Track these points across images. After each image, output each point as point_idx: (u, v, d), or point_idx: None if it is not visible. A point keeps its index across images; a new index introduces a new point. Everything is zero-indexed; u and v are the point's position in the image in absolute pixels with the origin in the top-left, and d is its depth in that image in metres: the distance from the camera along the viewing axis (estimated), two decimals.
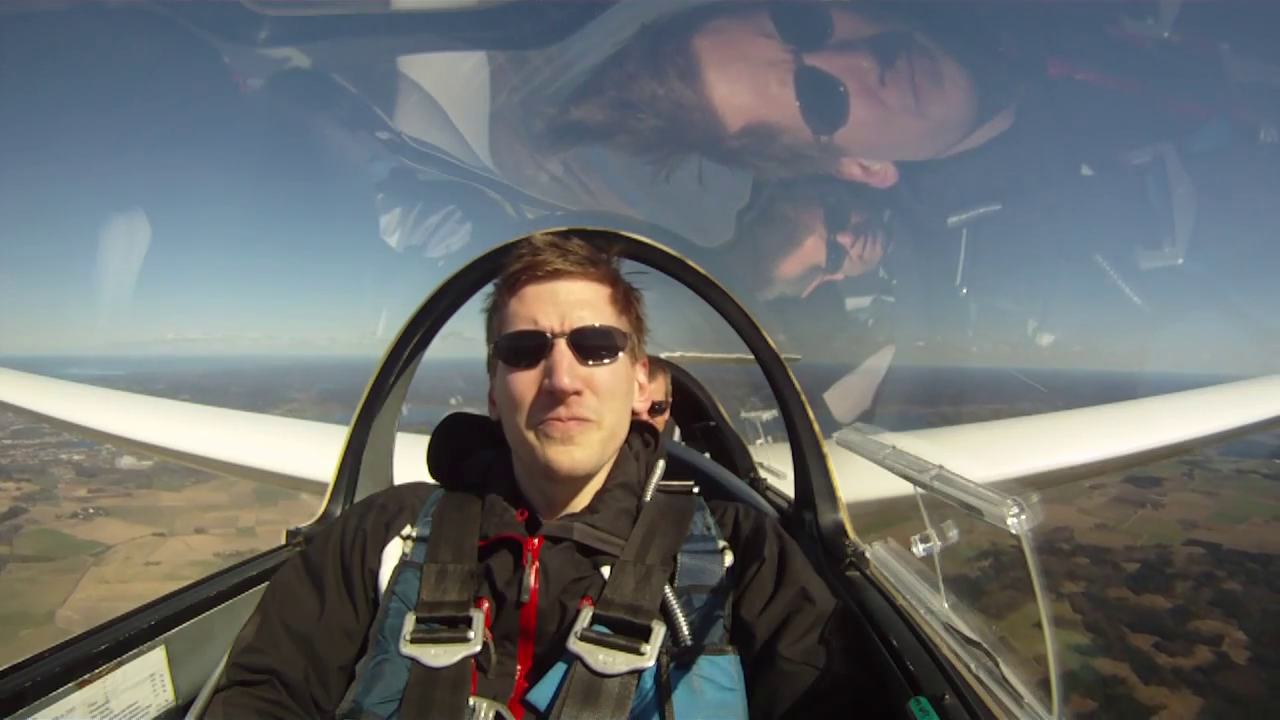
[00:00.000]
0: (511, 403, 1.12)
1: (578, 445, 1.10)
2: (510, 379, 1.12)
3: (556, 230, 1.51)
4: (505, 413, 1.15)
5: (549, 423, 1.09)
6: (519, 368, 1.11)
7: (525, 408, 1.10)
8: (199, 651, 1.20)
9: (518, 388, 1.11)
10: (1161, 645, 25.87)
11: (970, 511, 0.94)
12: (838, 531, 1.43)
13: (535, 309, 1.13)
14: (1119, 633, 26.44)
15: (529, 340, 1.11)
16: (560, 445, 1.09)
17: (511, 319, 1.15)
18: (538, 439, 1.10)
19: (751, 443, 4.67)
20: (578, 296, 1.15)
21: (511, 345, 1.13)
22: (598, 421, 1.11)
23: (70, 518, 34.79)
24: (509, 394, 1.12)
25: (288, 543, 1.49)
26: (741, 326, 1.58)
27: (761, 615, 1.06)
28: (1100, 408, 6.22)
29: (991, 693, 0.86)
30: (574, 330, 1.11)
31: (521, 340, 1.12)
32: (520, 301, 1.15)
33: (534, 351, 1.11)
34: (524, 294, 1.15)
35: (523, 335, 1.12)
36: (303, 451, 5.28)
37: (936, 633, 1.01)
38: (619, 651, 0.98)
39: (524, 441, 1.12)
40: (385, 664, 1.04)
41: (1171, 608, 28.30)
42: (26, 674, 0.94)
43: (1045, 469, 4.92)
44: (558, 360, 1.08)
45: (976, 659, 0.92)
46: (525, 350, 1.11)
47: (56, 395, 6.16)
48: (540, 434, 1.10)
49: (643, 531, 1.14)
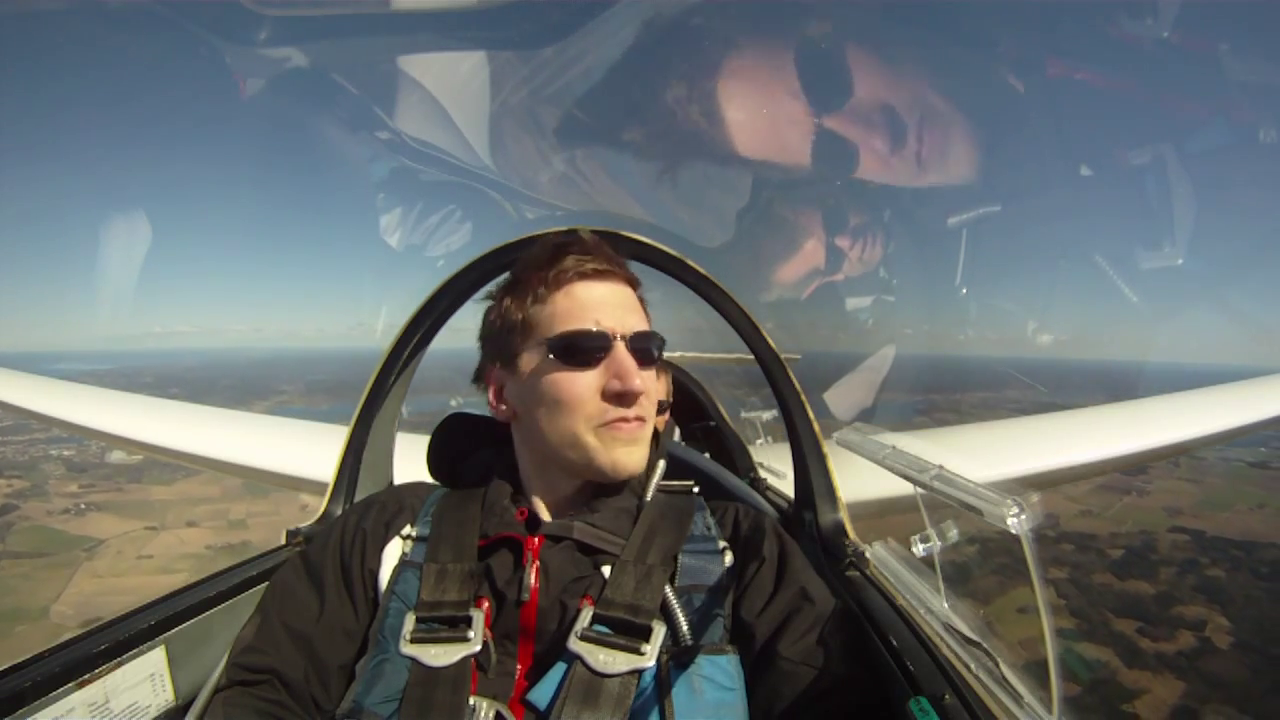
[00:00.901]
0: (565, 404, 1.10)
1: (639, 446, 1.13)
2: (565, 379, 1.10)
3: (559, 230, 1.51)
4: (547, 413, 1.12)
5: (616, 424, 1.10)
6: (577, 368, 1.10)
7: (585, 409, 1.09)
8: (199, 651, 1.20)
9: (576, 388, 1.09)
10: (1145, 630, 26.07)
11: (970, 511, 0.94)
12: (838, 531, 1.43)
13: (595, 310, 1.12)
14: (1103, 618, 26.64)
15: (592, 341, 1.11)
16: (627, 447, 1.11)
17: (564, 317, 1.12)
18: (601, 441, 1.10)
19: (751, 443, 4.66)
20: (625, 300, 1.17)
21: (571, 344, 1.11)
22: (649, 422, 1.15)
23: (62, 513, 34.76)
24: (563, 394, 1.10)
25: (288, 542, 1.49)
26: (741, 326, 1.58)
27: (761, 615, 1.06)
28: (1100, 408, 6.23)
29: (991, 693, 0.86)
30: (633, 334, 1.13)
31: (584, 340, 1.11)
32: (572, 299, 1.13)
33: (595, 352, 1.11)
34: (575, 292, 1.14)
35: (586, 335, 1.11)
36: (301, 451, 5.29)
37: (936, 633, 1.00)
38: (619, 651, 0.98)
39: (578, 443, 1.10)
40: (385, 664, 1.04)
41: (1155, 593, 28.52)
42: (26, 674, 0.94)
43: (1045, 469, 4.92)
44: (625, 363, 1.09)
45: (976, 659, 0.92)
46: (586, 350, 1.10)
47: (52, 394, 6.16)
48: (606, 436, 1.10)
49: (643, 531, 1.14)
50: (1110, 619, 26.61)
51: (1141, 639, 25.60)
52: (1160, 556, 31.55)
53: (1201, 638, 25.75)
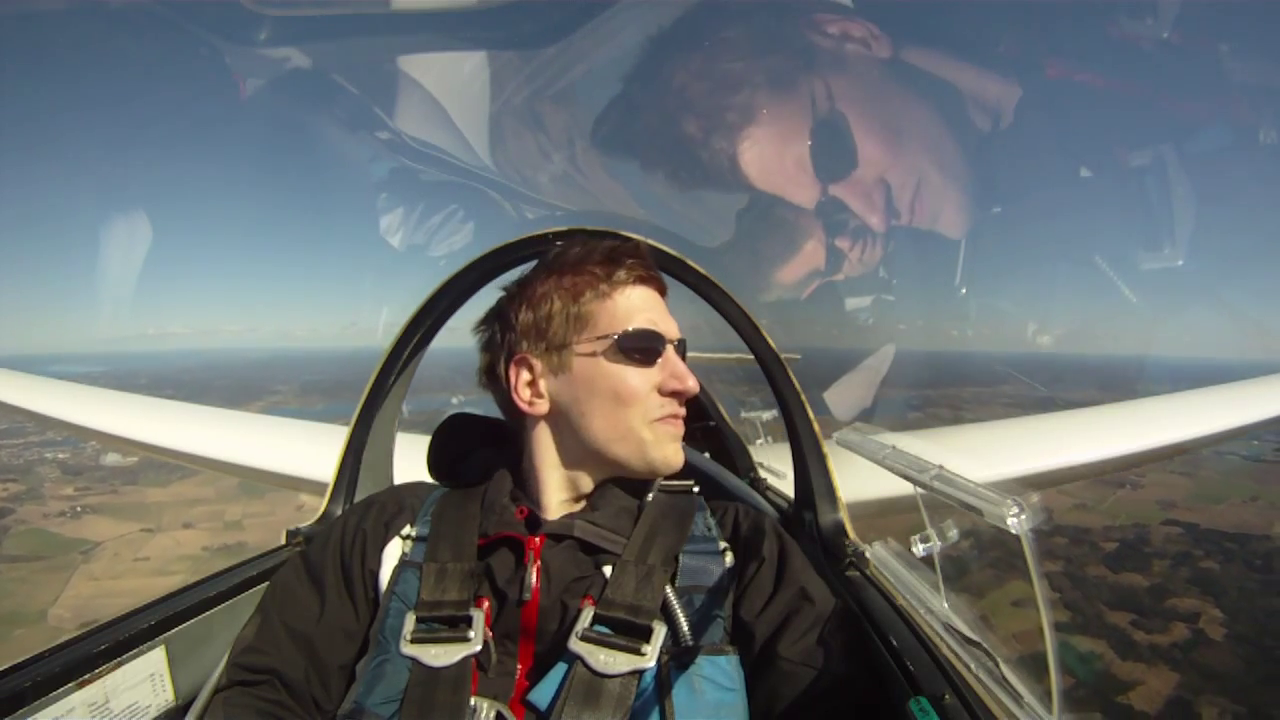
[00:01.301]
0: (622, 397, 1.15)
1: (680, 444, 1.21)
2: (628, 372, 1.15)
3: (560, 230, 1.52)
4: (607, 404, 1.15)
5: (670, 421, 1.18)
6: (639, 364, 1.16)
7: (643, 404, 1.15)
8: (199, 651, 1.20)
9: (637, 383, 1.15)
10: (1139, 622, 26.18)
11: (970, 511, 0.94)
12: (838, 531, 1.43)
13: (654, 313, 1.21)
14: (1097, 610, 26.72)
15: (655, 341, 1.18)
16: (675, 443, 1.19)
17: (627, 316, 1.18)
18: (654, 435, 1.16)
19: (751, 443, 4.66)
20: (665, 306, 1.27)
21: (637, 342, 1.17)
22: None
23: (58, 516, 34.69)
24: (625, 388, 1.15)
25: (288, 543, 1.49)
26: (741, 326, 1.58)
27: (762, 615, 1.06)
28: (1100, 408, 6.23)
29: (991, 693, 0.86)
30: (679, 339, 1.23)
31: (649, 340, 1.18)
32: (631, 301, 1.20)
33: (654, 352, 1.18)
34: (634, 295, 1.21)
35: (651, 335, 1.18)
36: (300, 451, 5.29)
37: (936, 633, 1.00)
38: (620, 651, 0.98)
39: (631, 437, 1.15)
40: (386, 664, 1.04)
41: (1149, 586, 28.62)
42: (26, 674, 0.94)
43: (1045, 469, 4.92)
44: (680, 364, 1.19)
45: (976, 659, 0.92)
46: (648, 349, 1.17)
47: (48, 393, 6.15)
48: (659, 431, 1.16)
49: (644, 531, 1.14)
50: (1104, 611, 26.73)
51: (1136, 631, 25.72)
52: (1154, 549, 31.65)
53: (1195, 629, 25.87)
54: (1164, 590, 28.24)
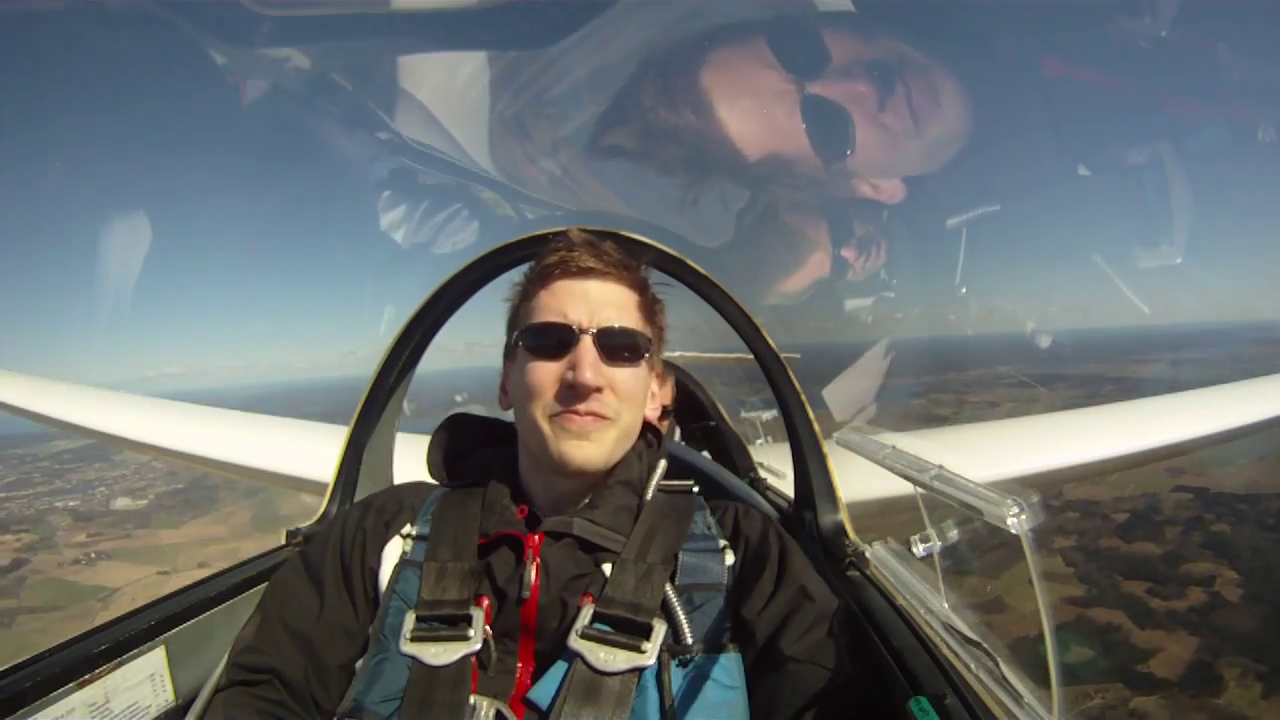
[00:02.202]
0: (529, 392, 1.12)
1: (592, 442, 1.11)
2: (531, 368, 1.12)
3: (559, 230, 1.52)
4: (520, 402, 1.15)
5: (567, 416, 1.10)
6: (542, 358, 1.12)
7: (543, 398, 1.11)
8: (199, 651, 1.20)
9: (538, 377, 1.12)
10: (1154, 590, 25.86)
11: (970, 511, 0.94)
12: (838, 531, 1.43)
13: (565, 303, 1.15)
14: (1112, 582, 26.38)
15: (556, 332, 1.13)
16: (575, 440, 1.10)
17: (540, 309, 1.16)
18: (553, 431, 1.11)
19: (751, 443, 4.66)
20: (608, 297, 1.17)
21: (537, 335, 1.14)
22: (615, 420, 1.13)
23: (73, 564, 34.23)
24: (528, 383, 1.12)
25: (287, 543, 1.49)
26: (741, 326, 1.58)
27: (761, 614, 1.06)
28: (1100, 408, 6.24)
29: (991, 693, 0.86)
30: (601, 329, 1.13)
31: (548, 331, 1.13)
32: (551, 294, 1.17)
33: (559, 344, 1.12)
34: (555, 287, 1.17)
35: (550, 327, 1.14)
36: (301, 451, 5.29)
37: (936, 633, 1.01)
38: (620, 649, 0.98)
39: (537, 432, 1.12)
40: (385, 663, 1.04)
41: (1162, 553, 28.23)
42: (26, 674, 0.94)
43: (1045, 469, 4.92)
44: (583, 355, 1.10)
45: (976, 659, 0.92)
46: (551, 342, 1.13)
47: (53, 396, 6.16)
48: (556, 426, 1.11)
49: (644, 529, 1.14)
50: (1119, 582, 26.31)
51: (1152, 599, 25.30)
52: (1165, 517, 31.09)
53: (1211, 593, 25.52)
54: (1178, 556, 27.75)
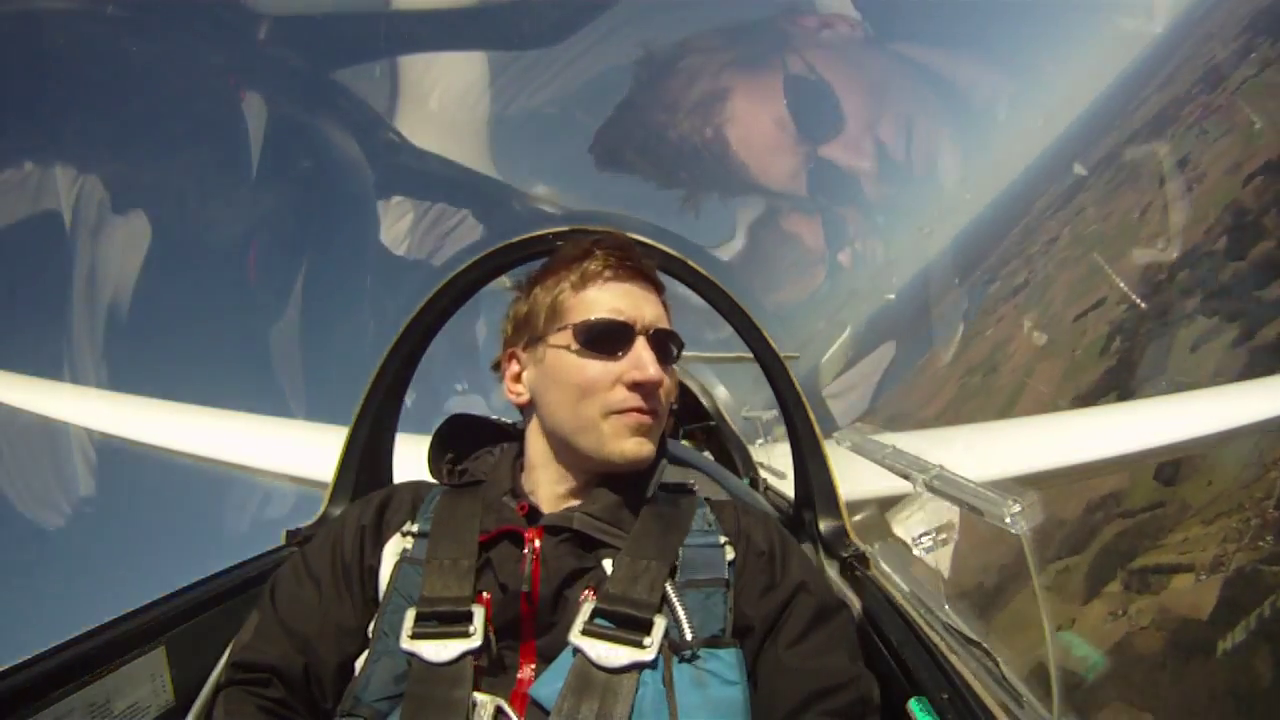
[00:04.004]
0: (583, 388, 1.12)
1: (648, 438, 1.14)
2: (585, 364, 1.13)
3: (560, 230, 1.52)
4: (563, 397, 1.15)
5: (629, 414, 1.12)
6: (599, 355, 1.13)
7: (600, 395, 1.12)
8: (199, 651, 1.20)
9: (594, 374, 1.12)
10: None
11: (970, 511, 0.94)
12: (838, 531, 1.43)
13: (622, 301, 1.16)
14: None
15: (616, 329, 1.14)
16: (636, 436, 1.13)
17: (592, 305, 1.17)
18: (610, 428, 1.12)
19: (751, 443, 4.67)
20: (653, 299, 1.21)
21: (595, 330, 1.14)
22: (662, 418, 1.17)
23: None
24: (582, 379, 1.13)
25: (287, 542, 1.49)
26: (741, 326, 1.58)
27: (762, 612, 1.06)
28: (1100, 408, 6.25)
29: (991, 692, 0.86)
30: (656, 329, 1.17)
31: (608, 328, 1.14)
32: (603, 291, 1.18)
33: (617, 341, 1.14)
34: (607, 285, 1.18)
35: (610, 324, 1.14)
36: (301, 451, 5.29)
37: (936, 633, 1.01)
38: (621, 645, 0.98)
39: (589, 428, 1.13)
40: (385, 661, 1.04)
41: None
42: (26, 674, 0.94)
43: (1045, 469, 4.92)
44: (645, 354, 1.13)
45: (976, 659, 0.92)
46: (609, 338, 1.14)
47: (53, 394, 6.16)
48: (616, 423, 1.12)
49: (645, 526, 1.14)
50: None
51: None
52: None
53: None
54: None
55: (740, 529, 1.18)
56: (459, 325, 1.79)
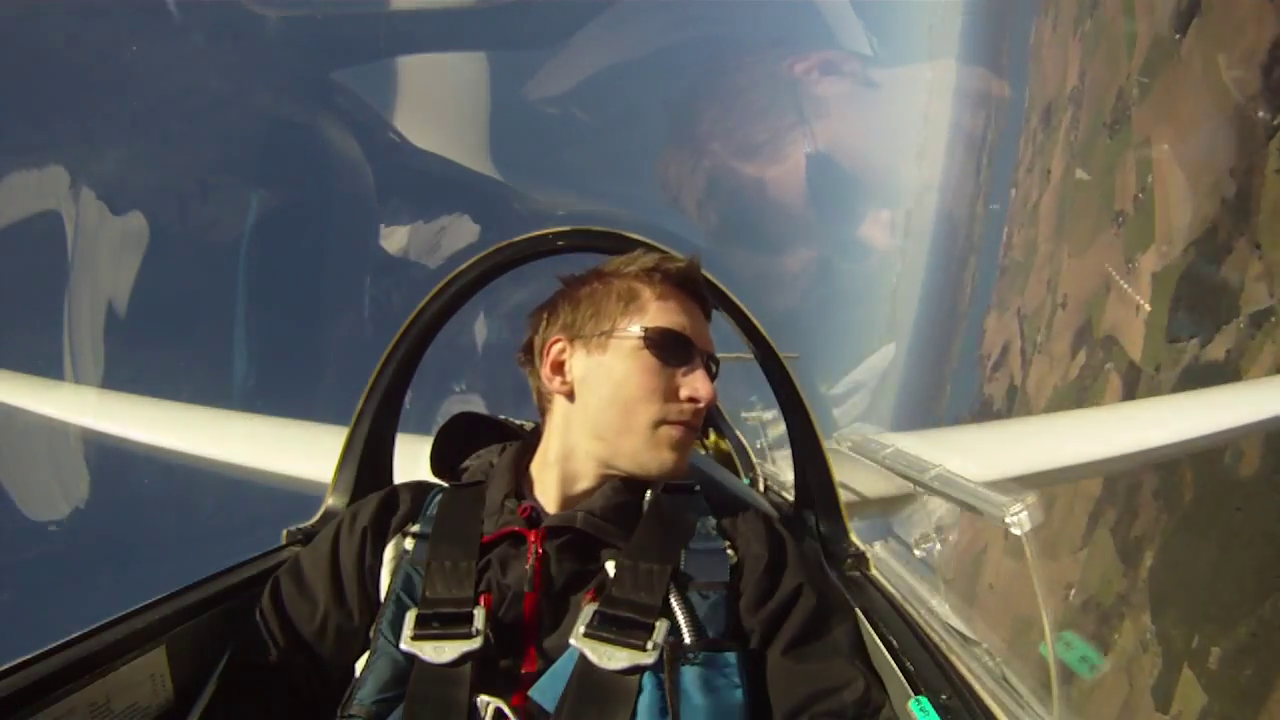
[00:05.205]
0: (640, 393, 1.15)
1: (685, 453, 1.18)
2: (648, 370, 1.15)
3: (560, 230, 1.52)
4: (623, 395, 1.16)
5: (679, 426, 1.16)
6: (662, 362, 1.16)
7: (654, 403, 1.15)
8: (200, 651, 1.20)
9: (655, 382, 1.15)
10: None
11: (970, 511, 0.94)
12: (838, 532, 1.43)
13: (687, 319, 1.21)
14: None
15: (684, 344, 1.18)
16: (678, 450, 1.16)
17: (669, 314, 1.20)
18: (654, 437, 1.15)
19: (752, 443, 4.66)
20: (706, 324, 1.27)
21: (669, 338, 1.17)
22: (694, 436, 1.21)
23: None
24: (640, 383, 1.15)
25: (287, 542, 1.49)
26: (741, 326, 1.58)
27: (763, 613, 1.06)
28: (1100, 408, 6.25)
29: (991, 693, 0.86)
30: (710, 353, 1.22)
31: (680, 340, 1.18)
32: (671, 303, 1.21)
33: (684, 355, 1.17)
34: (675, 298, 1.22)
35: (682, 337, 1.18)
36: (302, 451, 5.28)
37: (936, 633, 1.01)
38: (622, 647, 0.98)
39: (636, 431, 1.15)
40: (386, 661, 1.04)
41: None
42: (26, 674, 0.94)
43: (1045, 469, 4.91)
44: (702, 374, 1.17)
45: (976, 659, 0.92)
46: (679, 350, 1.17)
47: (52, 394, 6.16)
48: (663, 433, 1.15)
49: (647, 527, 1.14)
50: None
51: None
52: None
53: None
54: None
55: (741, 531, 1.18)
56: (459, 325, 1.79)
